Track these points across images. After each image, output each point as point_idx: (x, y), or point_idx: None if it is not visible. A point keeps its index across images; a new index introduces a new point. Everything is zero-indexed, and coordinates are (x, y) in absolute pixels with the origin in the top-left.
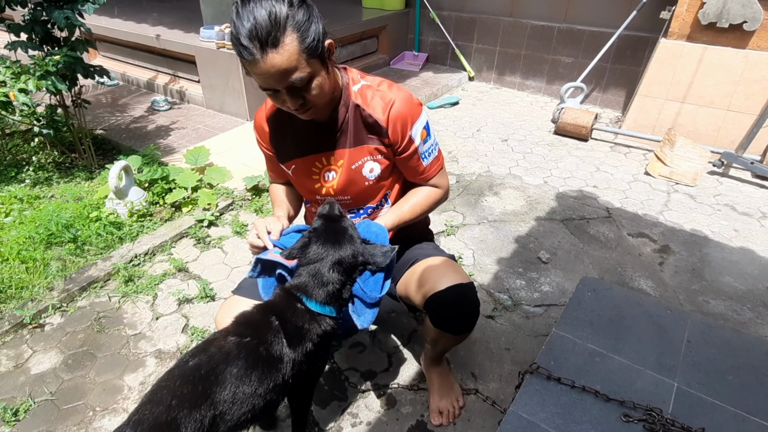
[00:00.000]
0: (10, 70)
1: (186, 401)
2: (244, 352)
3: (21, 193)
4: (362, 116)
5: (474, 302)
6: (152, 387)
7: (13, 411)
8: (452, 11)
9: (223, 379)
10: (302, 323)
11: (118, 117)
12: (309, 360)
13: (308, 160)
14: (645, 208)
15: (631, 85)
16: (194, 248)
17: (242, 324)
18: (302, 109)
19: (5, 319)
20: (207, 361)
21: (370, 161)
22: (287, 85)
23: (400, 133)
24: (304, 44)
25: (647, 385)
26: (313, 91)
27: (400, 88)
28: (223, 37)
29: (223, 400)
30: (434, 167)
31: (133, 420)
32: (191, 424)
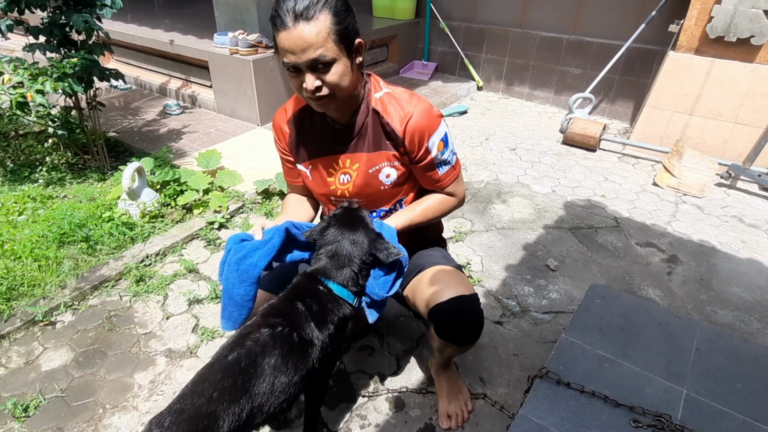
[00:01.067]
0: (28, 71)
1: (226, 394)
2: (279, 342)
3: (34, 193)
4: (381, 123)
5: (476, 314)
6: (194, 379)
7: (23, 407)
8: (462, 21)
9: (262, 371)
10: (325, 303)
11: (131, 120)
12: (332, 343)
13: (326, 161)
14: (653, 218)
15: (639, 96)
16: (205, 250)
17: (271, 314)
18: (320, 95)
19: (17, 316)
20: (245, 354)
21: (388, 167)
22: (310, 60)
23: (417, 144)
24: (335, 26)
25: (656, 392)
26: (333, 75)
27: (420, 99)
28: (236, 43)
29: (261, 392)
30: (450, 176)
31: (174, 408)
32: (229, 417)
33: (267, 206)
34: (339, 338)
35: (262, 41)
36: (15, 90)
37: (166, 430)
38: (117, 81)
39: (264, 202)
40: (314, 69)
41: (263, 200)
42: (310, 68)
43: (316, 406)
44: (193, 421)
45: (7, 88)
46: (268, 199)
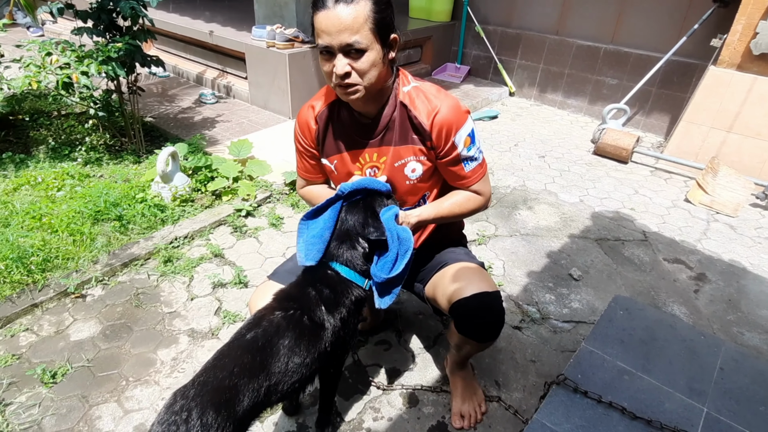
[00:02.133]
0: (75, 53)
1: (246, 370)
2: (292, 324)
3: (73, 171)
4: (409, 116)
5: (499, 311)
6: (215, 355)
7: (51, 373)
8: (498, 26)
9: (277, 350)
10: (335, 287)
11: (167, 106)
12: (344, 327)
13: (352, 155)
14: (683, 234)
15: (675, 110)
16: (231, 236)
17: (283, 299)
18: (348, 82)
19: (51, 287)
20: (262, 333)
21: (414, 161)
22: (344, 44)
23: (443, 139)
24: (374, 14)
25: (676, 408)
26: (364, 63)
27: (447, 95)
28: (273, 36)
29: (278, 371)
30: (476, 174)
31: (198, 381)
32: (249, 393)
33: (294, 197)
34: (352, 322)
35: (298, 36)
36: (61, 71)
37: (190, 401)
38: (157, 68)
39: (291, 193)
40: (346, 53)
41: (290, 191)
42: (342, 51)
43: (331, 394)
44: (216, 393)
45: (55, 69)
46: (295, 190)
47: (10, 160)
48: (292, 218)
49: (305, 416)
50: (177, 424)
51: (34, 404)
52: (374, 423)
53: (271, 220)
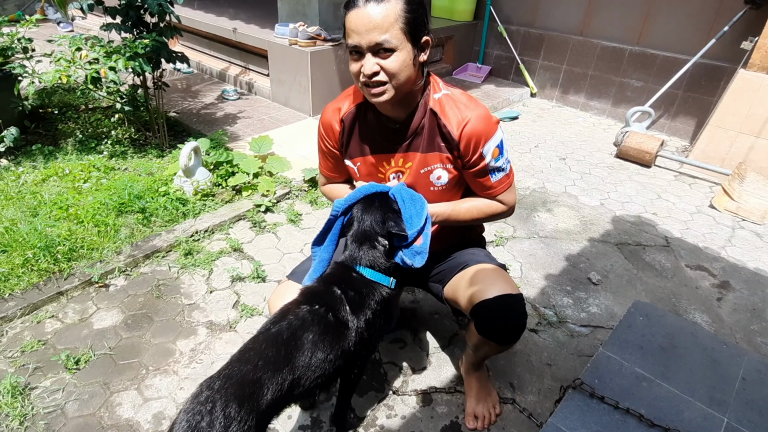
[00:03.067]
0: (103, 49)
1: (271, 363)
2: (317, 319)
3: (99, 163)
4: (438, 124)
5: (521, 315)
6: (241, 348)
7: (75, 360)
8: (521, 26)
9: (302, 344)
10: (360, 289)
11: (190, 102)
12: (369, 328)
13: (377, 158)
14: (706, 241)
15: (702, 114)
16: (250, 231)
17: (309, 295)
18: (376, 80)
19: (76, 276)
20: (287, 327)
21: (440, 169)
22: (373, 43)
23: (471, 149)
24: (405, 14)
25: (695, 417)
26: (392, 63)
27: (478, 104)
28: (296, 34)
29: (301, 365)
30: (502, 184)
31: (223, 374)
32: (272, 386)
33: (313, 194)
34: (377, 323)
35: (321, 33)
36: (90, 66)
37: (215, 392)
38: (182, 64)
39: (310, 190)
40: (375, 53)
41: (309, 188)
42: (371, 50)
43: (349, 393)
44: (240, 386)
45: (84, 63)
46: (314, 187)
47: (40, 152)
48: (311, 215)
49: (319, 411)
50: (201, 414)
51: (58, 389)
52: (387, 420)
53: (289, 216)
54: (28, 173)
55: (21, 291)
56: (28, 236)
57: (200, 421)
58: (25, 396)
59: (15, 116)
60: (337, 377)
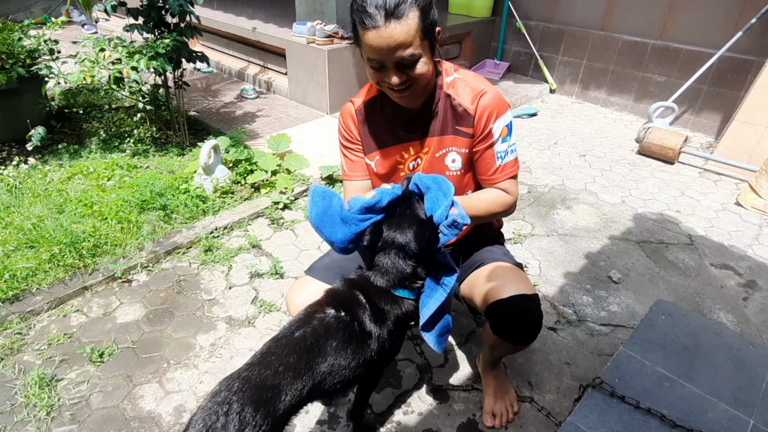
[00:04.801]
0: (126, 49)
1: (291, 370)
2: (342, 326)
3: (122, 162)
4: (452, 105)
5: (537, 315)
6: (262, 350)
7: (99, 353)
8: (540, 21)
9: (324, 351)
10: (385, 304)
11: (210, 101)
12: (390, 338)
13: (396, 149)
14: (732, 239)
15: (728, 109)
16: (268, 228)
17: (335, 299)
18: (403, 88)
19: (100, 271)
20: (311, 333)
21: (454, 152)
22: (397, 59)
23: (483, 123)
24: (423, 23)
25: (720, 418)
26: (418, 70)
27: (490, 84)
28: (314, 33)
29: (322, 372)
30: (507, 170)
31: (242, 376)
32: (291, 392)
33: None
34: (398, 335)
35: (338, 32)
36: (113, 66)
37: (233, 394)
38: (202, 63)
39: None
40: (401, 66)
41: (327, 185)
42: (396, 67)
43: (367, 393)
44: (258, 391)
45: (107, 64)
46: (331, 184)
47: (65, 151)
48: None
49: (337, 406)
50: (217, 415)
51: (83, 381)
52: (404, 417)
53: (307, 213)
54: (54, 171)
55: (48, 285)
56: (55, 232)
57: (215, 421)
58: (52, 387)
59: (42, 116)
60: (356, 382)
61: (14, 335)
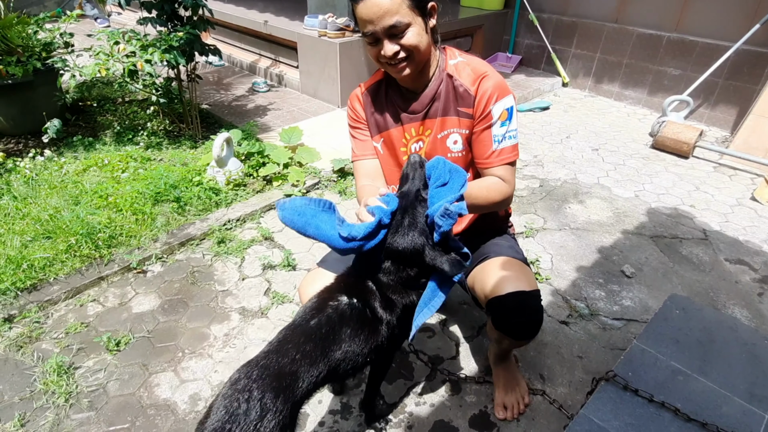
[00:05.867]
0: (140, 42)
1: (308, 357)
2: (355, 313)
3: (136, 154)
4: (454, 86)
5: (535, 311)
6: (278, 338)
7: (116, 342)
8: (553, 14)
9: (339, 338)
10: (393, 293)
11: (222, 94)
12: (399, 324)
13: (399, 131)
14: (747, 234)
15: (744, 103)
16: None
17: (346, 286)
18: (399, 61)
19: (116, 262)
20: (326, 321)
21: (455, 133)
22: (387, 27)
23: (483, 104)
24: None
25: (734, 412)
26: (409, 39)
27: (494, 70)
28: (325, 26)
29: (337, 358)
30: (503, 155)
31: (261, 364)
32: (308, 378)
33: (341, 185)
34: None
35: (349, 25)
36: (128, 59)
37: (253, 381)
38: (214, 57)
39: (339, 180)
40: (392, 36)
41: (338, 178)
42: (387, 35)
43: (378, 381)
44: (277, 378)
45: (121, 57)
46: (342, 177)
47: (80, 143)
48: (340, 204)
49: (349, 396)
50: (239, 402)
51: (100, 369)
52: (416, 408)
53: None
54: (70, 163)
55: (65, 275)
56: (71, 223)
57: (237, 408)
58: (70, 375)
59: (57, 109)
60: (366, 365)
61: (32, 324)
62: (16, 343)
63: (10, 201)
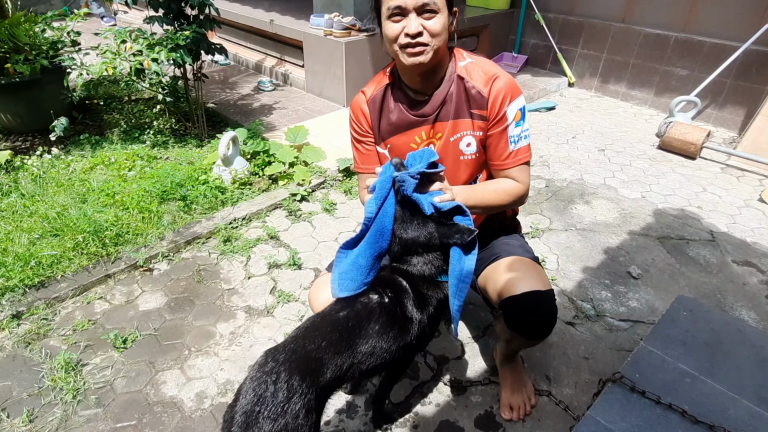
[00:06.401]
0: (146, 41)
1: (333, 346)
2: (384, 311)
3: (142, 152)
4: (465, 88)
5: (550, 311)
6: (306, 325)
7: (123, 339)
8: (559, 14)
9: (366, 333)
10: (426, 288)
11: (228, 93)
12: (429, 324)
13: (408, 135)
14: (755, 236)
15: (752, 104)
16: (286, 219)
17: (379, 284)
18: (419, 41)
19: (122, 260)
20: (354, 315)
21: (469, 135)
22: (419, 4)
23: (498, 106)
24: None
25: (742, 415)
26: (436, 24)
27: (503, 70)
28: (331, 25)
29: (362, 352)
30: (519, 156)
31: (288, 347)
32: (332, 367)
33: (347, 184)
34: (436, 320)
35: (355, 24)
36: (134, 57)
37: (280, 364)
38: (220, 55)
39: (344, 179)
40: (420, 13)
41: (344, 178)
42: (416, 11)
43: (394, 382)
44: (303, 362)
45: (128, 55)
46: (348, 177)
47: (87, 141)
48: (345, 204)
49: (355, 396)
50: (267, 384)
51: (107, 366)
52: (422, 408)
53: (324, 205)
54: (77, 161)
55: (72, 273)
56: (78, 221)
57: (265, 390)
58: (78, 372)
59: (64, 107)
60: (391, 364)
61: (40, 321)
62: (24, 339)
63: (18, 198)
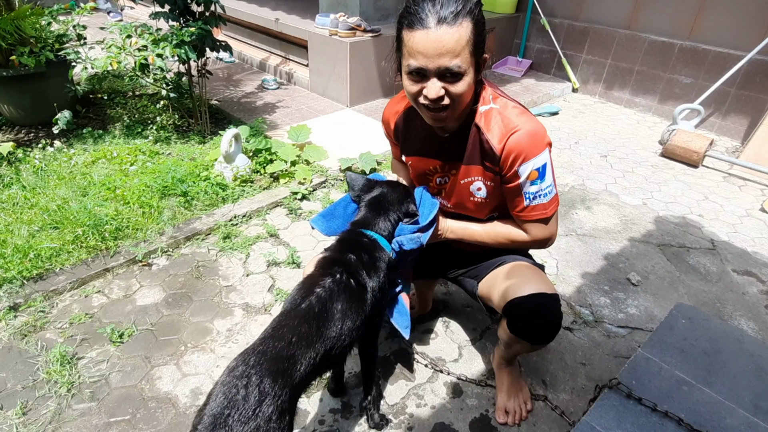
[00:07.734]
0: (152, 36)
1: (304, 339)
2: (341, 287)
3: (144, 148)
4: (480, 139)
5: (556, 315)
6: (273, 324)
7: (119, 333)
8: (565, 19)
9: (332, 315)
10: (372, 252)
11: (232, 91)
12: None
13: (426, 161)
14: (756, 245)
15: (756, 113)
16: (286, 217)
17: (327, 265)
18: (439, 105)
19: (121, 254)
20: (316, 300)
21: (479, 181)
22: (443, 68)
23: (508, 165)
24: (475, 37)
25: (738, 424)
26: (459, 88)
27: (530, 119)
28: (336, 25)
29: (332, 336)
30: (535, 212)
31: (257, 350)
32: (306, 361)
33: None
34: (384, 286)
35: (360, 24)
36: (139, 53)
37: (251, 367)
38: (225, 53)
39: (345, 179)
40: (442, 77)
41: (345, 178)
42: (438, 75)
43: (371, 369)
44: (274, 362)
45: (133, 51)
46: None
47: (90, 135)
48: None
49: (350, 396)
50: (237, 388)
51: (103, 360)
52: (417, 409)
53: (325, 205)
54: (79, 155)
55: (71, 266)
56: (79, 214)
57: (236, 394)
58: (73, 365)
59: (68, 100)
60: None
61: (37, 313)
62: (20, 331)
63: (19, 190)
